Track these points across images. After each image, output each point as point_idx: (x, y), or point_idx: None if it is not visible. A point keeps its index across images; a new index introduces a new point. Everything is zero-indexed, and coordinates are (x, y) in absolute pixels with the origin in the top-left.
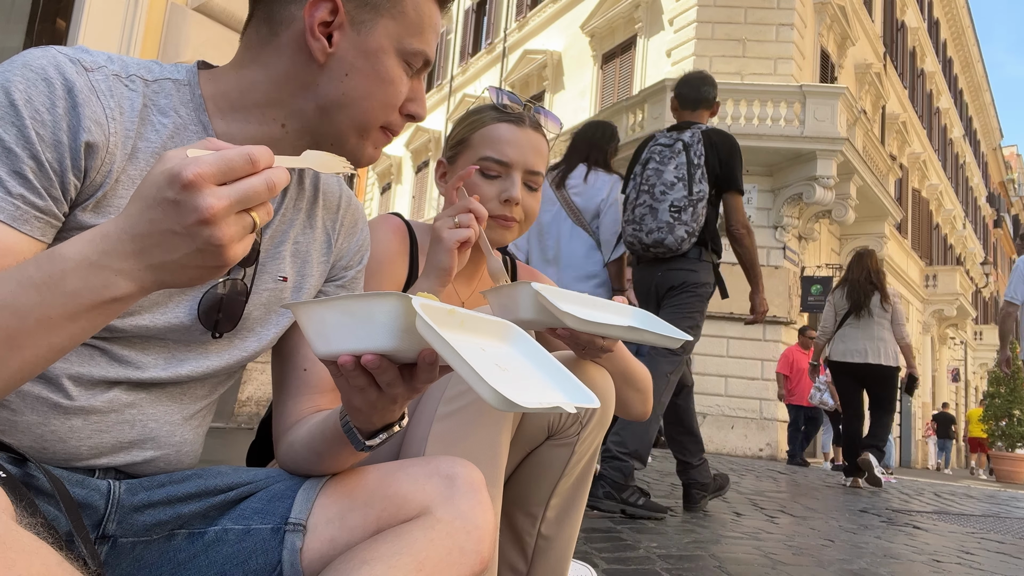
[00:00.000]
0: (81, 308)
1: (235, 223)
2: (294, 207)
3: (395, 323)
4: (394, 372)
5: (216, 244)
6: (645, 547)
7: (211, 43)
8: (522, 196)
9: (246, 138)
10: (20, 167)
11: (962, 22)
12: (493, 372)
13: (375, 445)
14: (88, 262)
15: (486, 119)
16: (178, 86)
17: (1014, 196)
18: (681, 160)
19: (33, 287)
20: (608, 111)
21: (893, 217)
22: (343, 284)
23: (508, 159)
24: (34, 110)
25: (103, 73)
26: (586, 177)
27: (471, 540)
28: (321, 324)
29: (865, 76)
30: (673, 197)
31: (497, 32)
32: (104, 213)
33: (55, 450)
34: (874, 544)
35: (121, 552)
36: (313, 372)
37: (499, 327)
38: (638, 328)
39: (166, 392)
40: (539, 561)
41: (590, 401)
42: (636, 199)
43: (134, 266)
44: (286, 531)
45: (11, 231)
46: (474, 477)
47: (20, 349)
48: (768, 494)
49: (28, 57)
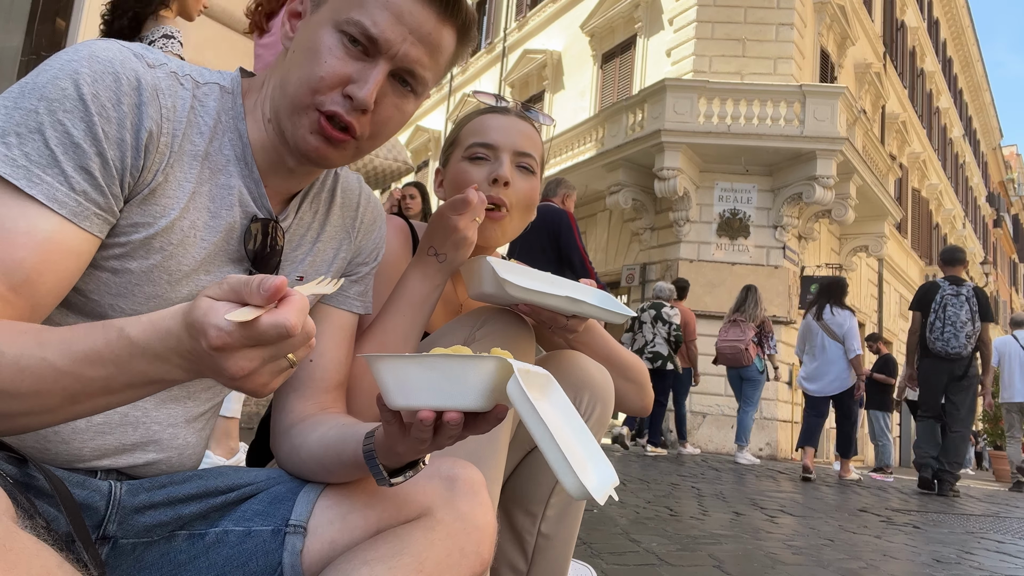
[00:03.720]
0: (143, 382)
1: (268, 372)
2: (311, 207)
3: (487, 383)
4: (461, 427)
5: (249, 389)
6: (645, 547)
7: (211, 43)
8: (514, 178)
9: (271, 148)
10: (87, 163)
11: (962, 22)
12: (577, 457)
13: (399, 483)
14: (154, 353)
15: (471, 116)
16: (223, 92)
17: (1014, 196)
18: (966, 307)
19: (100, 363)
20: (608, 111)
21: (893, 217)
22: (357, 279)
23: (493, 141)
24: (101, 105)
25: (164, 71)
26: (832, 312)
27: (471, 541)
28: (404, 378)
29: (865, 76)
30: (967, 330)
31: (497, 32)
32: (148, 212)
33: (58, 451)
34: (874, 544)
35: (122, 553)
36: (319, 365)
37: (543, 379)
38: (578, 299)
39: (170, 395)
40: (539, 560)
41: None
42: (943, 327)
43: (191, 367)
44: (287, 533)
45: (72, 227)
46: (474, 478)
47: (80, 404)
48: (768, 494)
49: (95, 48)
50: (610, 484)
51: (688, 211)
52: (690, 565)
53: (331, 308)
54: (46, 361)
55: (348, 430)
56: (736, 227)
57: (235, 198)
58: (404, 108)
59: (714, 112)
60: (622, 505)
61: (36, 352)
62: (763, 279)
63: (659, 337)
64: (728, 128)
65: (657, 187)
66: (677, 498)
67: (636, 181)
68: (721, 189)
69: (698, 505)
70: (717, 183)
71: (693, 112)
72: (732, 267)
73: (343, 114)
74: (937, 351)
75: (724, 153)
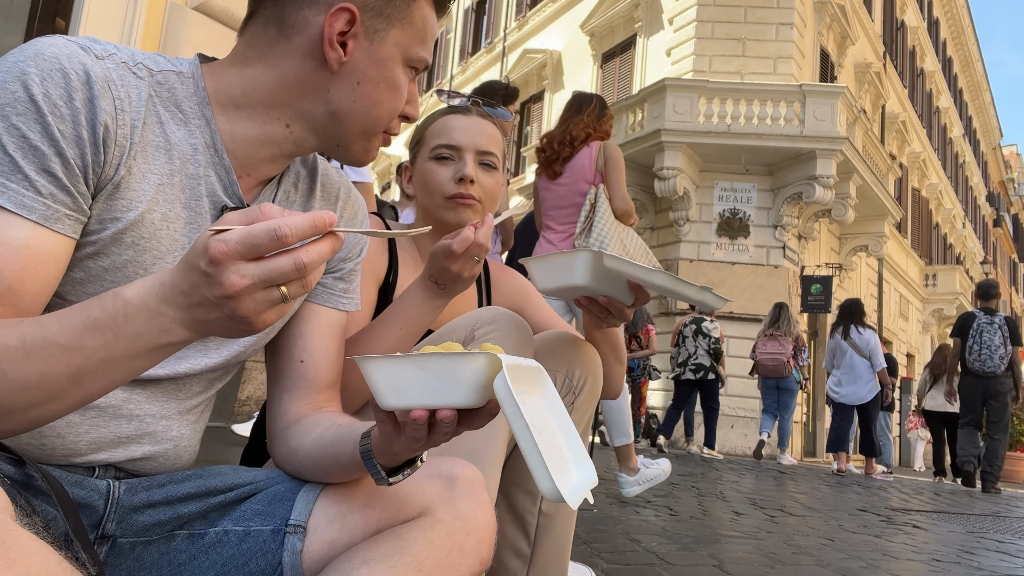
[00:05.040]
0: (142, 350)
1: (260, 298)
2: (287, 199)
3: (478, 379)
4: (455, 423)
5: (240, 316)
6: (645, 547)
7: (211, 42)
8: (478, 175)
9: (248, 135)
10: (48, 165)
11: (962, 21)
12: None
13: (397, 482)
14: (148, 308)
15: (436, 116)
16: (182, 79)
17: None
18: (999, 333)
19: (98, 329)
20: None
21: (893, 216)
22: (342, 276)
23: (457, 142)
24: (52, 104)
25: (113, 61)
26: (858, 331)
27: (471, 541)
28: (394, 378)
29: (865, 75)
30: (1000, 353)
31: (497, 31)
32: (115, 207)
33: (54, 446)
34: (873, 543)
35: (121, 552)
36: (310, 365)
37: (534, 372)
38: (681, 280)
39: (162, 388)
40: (542, 540)
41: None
42: (980, 350)
43: (185, 317)
44: (286, 533)
45: (45, 231)
46: (474, 478)
47: (84, 384)
48: (768, 493)
49: (39, 46)
50: (588, 486)
51: (688, 211)
52: (690, 565)
53: (319, 306)
54: (47, 339)
55: (344, 431)
56: (736, 227)
57: (203, 188)
58: None
59: (714, 112)
60: (622, 505)
61: (38, 332)
62: (763, 279)
63: (700, 350)
64: (728, 128)
65: (657, 187)
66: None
67: (636, 181)
68: (721, 189)
69: (698, 505)
70: (717, 183)
71: (693, 112)
72: (732, 267)
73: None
74: (975, 370)
75: (724, 153)
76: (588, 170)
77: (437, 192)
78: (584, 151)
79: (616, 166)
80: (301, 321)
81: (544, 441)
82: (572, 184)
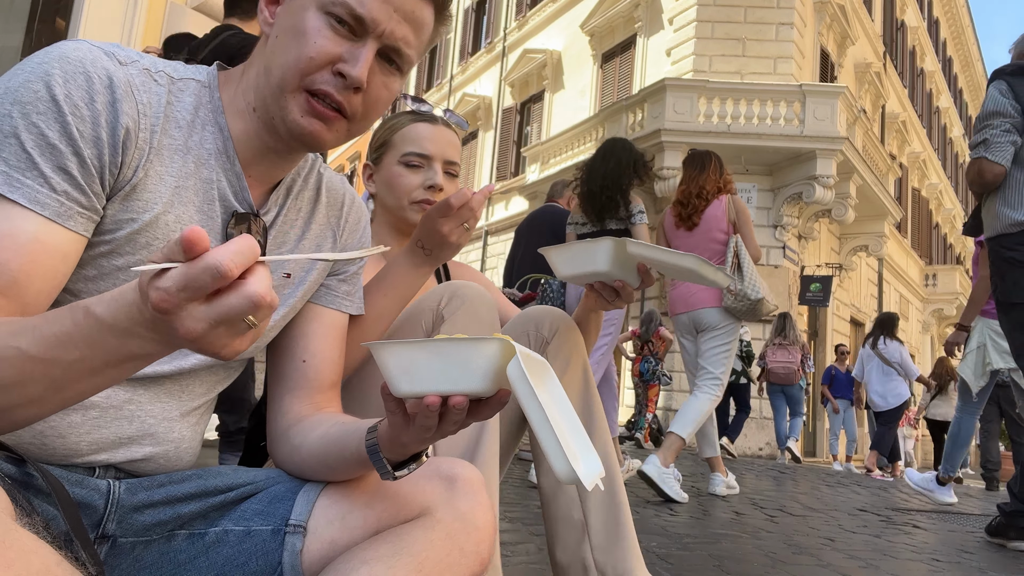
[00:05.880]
0: (122, 359)
1: (224, 332)
2: (295, 204)
3: (491, 365)
4: (466, 412)
5: (211, 351)
6: (645, 546)
7: None
8: (445, 184)
9: (255, 139)
10: (64, 163)
11: (962, 21)
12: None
13: (403, 476)
14: (121, 328)
15: (404, 121)
16: (200, 87)
17: None
18: None
19: (73, 345)
20: (608, 110)
21: (893, 216)
22: (345, 279)
23: (428, 152)
24: (74, 105)
25: (136, 67)
26: (885, 342)
27: (471, 541)
28: (409, 364)
29: (865, 75)
30: None
31: (497, 31)
32: (131, 207)
33: (55, 446)
34: (873, 543)
35: (121, 552)
36: (312, 365)
37: (541, 366)
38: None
39: (164, 388)
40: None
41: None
42: None
43: (160, 338)
44: (286, 533)
45: (56, 227)
46: (474, 478)
47: (65, 391)
48: (768, 493)
49: (64, 49)
50: (597, 474)
51: None
52: (690, 565)
53: (321, 308)
54: (20, 350)
55: (350, 426)
56: None
57: (216, 192)
58: (391, 87)
59: (714, 112)
60: None
61: (10, 342)
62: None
63: None
64: (728, 128)
65: (657, 187)
66: None
67: None
68: None
69: (698, 505)
70: None
71: (693, 112)
72: None
73: (334, 93)
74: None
75: (724, 153)
76: (721, 220)
77: (404, 195)
78: (716, 203)
79: (747, 219)
80: (304, 321)
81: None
82: (706, 233)
